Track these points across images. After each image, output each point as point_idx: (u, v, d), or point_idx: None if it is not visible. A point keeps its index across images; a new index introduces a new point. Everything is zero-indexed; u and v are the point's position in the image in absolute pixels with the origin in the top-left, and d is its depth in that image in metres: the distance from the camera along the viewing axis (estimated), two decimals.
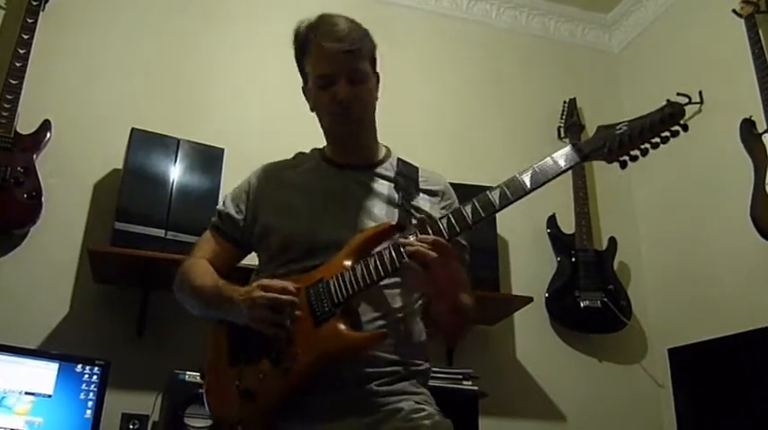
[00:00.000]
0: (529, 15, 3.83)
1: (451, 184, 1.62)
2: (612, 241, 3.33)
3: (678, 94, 3.12)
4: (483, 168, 3.15)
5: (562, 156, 1.30)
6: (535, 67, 3.75)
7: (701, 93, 3.16)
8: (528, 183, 1.29)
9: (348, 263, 1.34)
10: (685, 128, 1.28)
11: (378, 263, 1.30)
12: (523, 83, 3.69)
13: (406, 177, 1.53)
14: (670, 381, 2.87)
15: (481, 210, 1.29)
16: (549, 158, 1.31)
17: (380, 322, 1.36)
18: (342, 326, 1.29)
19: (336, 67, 1.45)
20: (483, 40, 3.72)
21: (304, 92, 1.57)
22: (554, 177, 1.29)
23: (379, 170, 1.55)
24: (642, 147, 1.30)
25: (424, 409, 1.34)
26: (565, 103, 3.58)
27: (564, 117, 3.56)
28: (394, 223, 1.39)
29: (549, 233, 3.33)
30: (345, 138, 1.54)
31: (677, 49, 3.46)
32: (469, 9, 3.74)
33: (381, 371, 1.34)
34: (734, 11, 2.93)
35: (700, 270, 3.09)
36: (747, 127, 2.80)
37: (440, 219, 1.32)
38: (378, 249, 1.33)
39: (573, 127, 3.49)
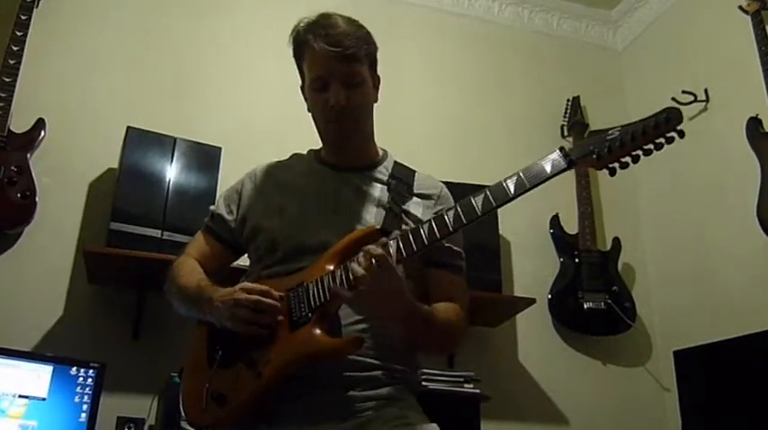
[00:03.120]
0: (531, 12, 3.79)
1: (452, 183, 1.60)
2: (616, 242, 3.29)
3: (683, 92, 3.14)
4: (485, 167, 3.11)
5: (549, 161, 1.24)
6: (538, 65, 3.72)
7: (706, 91, 3.14)
8: (512, 189, 1.23)
9: (330, 267, 1.32)
10: (681, 134, 1.21)
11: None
12: (526, 80, 3.66)
13: (400, 180, 1.51)
14: (675, 384, 2.83)
15: (463, 216, 1.25)
16: (535, 163, 1.25)
17: (362, 325, 1.33)
18: (317, 331, 1.27)
19: (330, 71, 1.44)
20: (485, 37, 3.68)
21: (302, 90, 1.56)
22: (539, 183, 1.24)
23: (374, 173, 1.53)
24: (633, 153, 1.22)
25: (406, 416, 1.31)
26: (568, 100, 3.54)
27: (567, 115, 3.53)
28: (379, 227, 1.37)
29: (551, 233, 3.29)
30: (339, 140, 1.53)
31: (682, 47, 3.42)
32: (471, 5, 3.71)
33: (361, 375, 1.31)
34: (740, 7, 2.91)
35: (705, 271, 3.06)
36: (754, 125, 2.78)
37: (421, 224, 1.28)
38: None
39: (576, 125, 3.47)
